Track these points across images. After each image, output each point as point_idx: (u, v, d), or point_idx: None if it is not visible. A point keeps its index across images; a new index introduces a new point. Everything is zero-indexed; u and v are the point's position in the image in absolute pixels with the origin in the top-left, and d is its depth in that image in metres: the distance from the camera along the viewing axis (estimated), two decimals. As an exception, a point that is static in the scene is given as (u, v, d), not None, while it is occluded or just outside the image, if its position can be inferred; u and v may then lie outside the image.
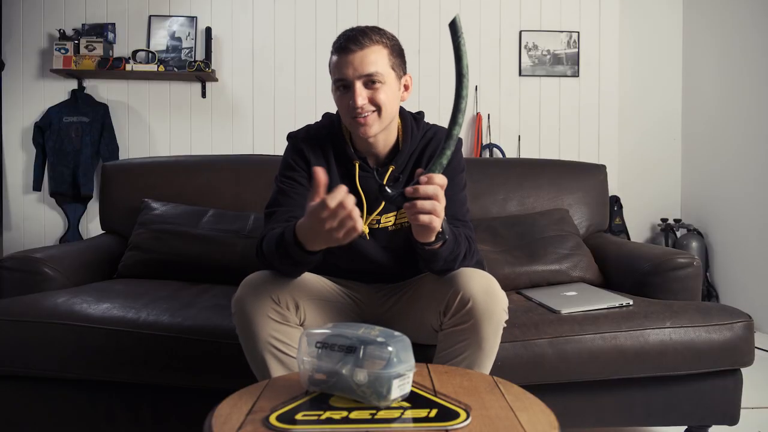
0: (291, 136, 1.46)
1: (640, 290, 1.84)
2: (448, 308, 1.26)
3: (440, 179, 1.09)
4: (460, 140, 1.47)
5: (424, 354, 1.40)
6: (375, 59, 1.31)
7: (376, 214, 1.41)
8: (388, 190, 1.11)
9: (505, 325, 1.29)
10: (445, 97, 3.69)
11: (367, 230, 1.40)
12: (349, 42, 1.30)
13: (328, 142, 1.43)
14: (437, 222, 1.11)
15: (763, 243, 3.22)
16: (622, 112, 3.88)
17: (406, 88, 1.40)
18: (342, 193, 1.04)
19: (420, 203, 1.08)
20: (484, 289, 1.24)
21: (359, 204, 1.41)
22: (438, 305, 1.28)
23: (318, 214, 1.06)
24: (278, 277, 1.28)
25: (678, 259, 1.81)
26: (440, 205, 1.10)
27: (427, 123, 1.48)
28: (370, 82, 1.31)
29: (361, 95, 1.30)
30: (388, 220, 1.42)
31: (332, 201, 1.03)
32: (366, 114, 1.31)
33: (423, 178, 1.08)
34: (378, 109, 1.32)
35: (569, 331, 1.55)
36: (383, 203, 1.40)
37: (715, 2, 3.70)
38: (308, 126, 1.48)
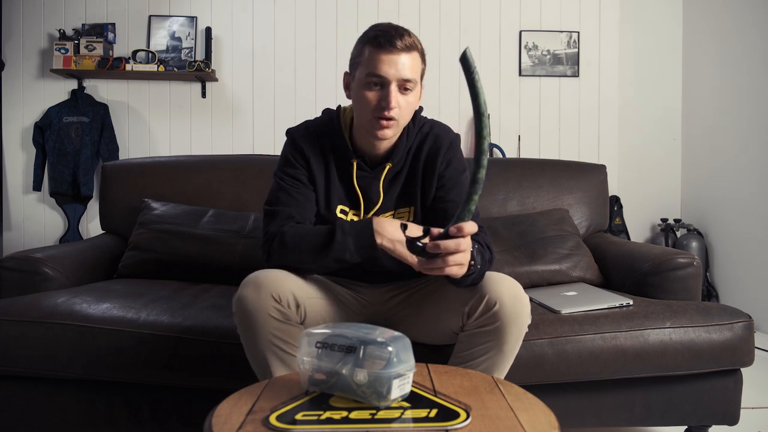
0: (290, 132, 1.45)
1: (640, 290, 1.84)
2: (473, 310, 1.25)
3: (470, 227, 1.07)
4: (457, 137, 1.47)
5: (437, 354, 1.41)
6: (413, 65, 1.30)
7: (373, 214, 1.41)
8: (419, 244, 1.08)
9: (527, 330, 1.29)
10: (445, 97, 3.69)
11: None
12: (396, 39, 1.27)
13: (327, 138, 1.42)
14: (463, 269, 1.11)
15: (763, 243, 3.22)
16: (622, 112, 3.88)
17: (419, 96, 1.40)
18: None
19: (443, 260, 1.07)
20: (511, 293, 1.24)
21: (356, 202, 1.41)
22: (461, 306, 1.27)
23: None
24: (279, 275, 1.28)
25: (678, 259, 1.81)
26: (463, 255, 1.08)
27: (423, 117, 1.47)
28: (404, 87, 1.30)
29: (396, 98, 1.29)
30: (386, 218, 1.42)
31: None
32: (393, 118, 1.30)
33: (452, 229, 1.06)
34: (401, 115, 1.31)
35: (569, 331, 1.55)
36: (381, 201, 1.40)
37: (715, 2, 3.70)
38: (307, 122, 1.47)
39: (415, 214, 1.43)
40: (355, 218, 1.42)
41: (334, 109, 1.47)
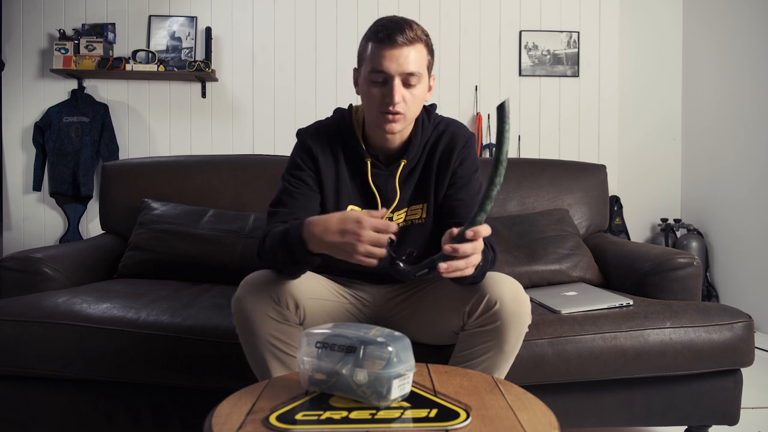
0: (300, 133, 1.44)
1: (640, 290, 1.84)
2: (473, 309, 1.25)
3: (485, 230, 1.08)
4: (473, 135, 1.46)
5: (437, 355, 1.41)
6: (417, 58, 1.28)
7: (390, 212, 1.40)
8: (401, 265, 1.10)
9: (527, 330, 1.29)
10: (445, 97, 3.69)
11: None
12: (397, 34, 1.26)
13: (339, 138, 1.41)
14: (471, 270, 1.11)
15: (763, 243, 3.22)
16: (622, 112, 3.88)
17: (430, 88, 1.39)
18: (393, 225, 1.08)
19: (456, 263, 1.07)
20: (512, 292, 1.24)
21: (370, 201, 1.40)
22: (462, 306, 1.27)
23: (352, 223, 1.08)
24: (278, 276, 1.27)
25: (678, 259, 1.81)
26: (476, 257, 1.09)
27: (438, 115, 1.46)
28: (408, 81, 1.29)
29: (399, 92, 1.27)
30: (399, 217, 1.41)
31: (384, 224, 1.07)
32: (398, 112, 1.29)
33: (469, 233, 1.07)
34: (408, 109, 1.31)
35: (569, 331, 1.55)
36: (397, 201, 1.39)
37: (715, 2, 3.70)
38: (318, 122, 1.46)
39: (428, 211, 1.42)
40: None
41: (346, 108, 1.46)
